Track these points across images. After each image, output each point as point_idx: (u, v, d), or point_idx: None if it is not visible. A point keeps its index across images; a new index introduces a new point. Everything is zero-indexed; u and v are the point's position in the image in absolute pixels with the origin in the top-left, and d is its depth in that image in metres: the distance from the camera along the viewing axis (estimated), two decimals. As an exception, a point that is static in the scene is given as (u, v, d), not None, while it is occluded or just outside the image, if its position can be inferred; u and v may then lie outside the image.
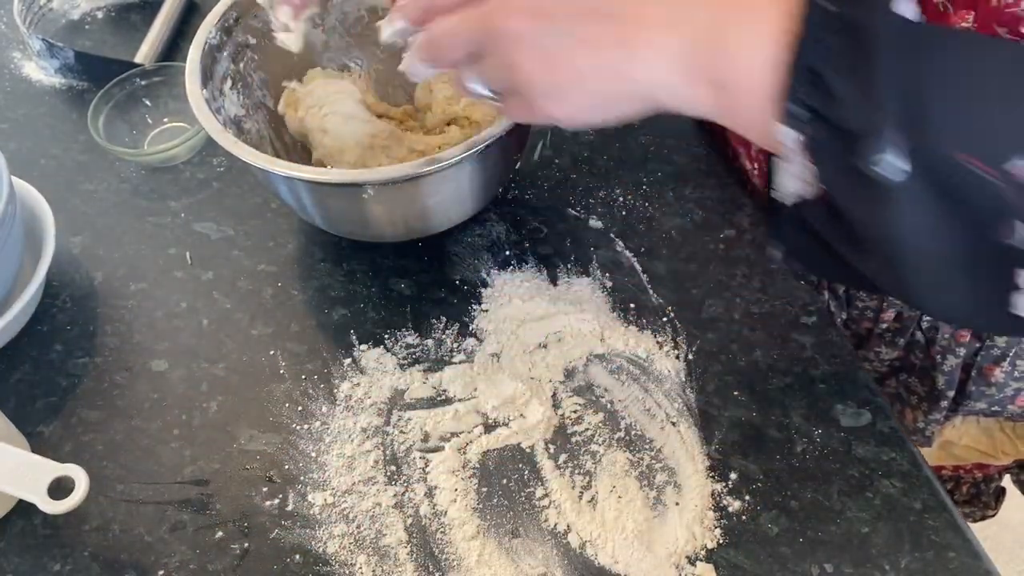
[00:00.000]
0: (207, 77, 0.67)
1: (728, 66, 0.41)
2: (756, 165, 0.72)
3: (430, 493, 0.59)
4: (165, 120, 0.83)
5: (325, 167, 0.68)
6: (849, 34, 0.38)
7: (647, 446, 0.61)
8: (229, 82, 0.69)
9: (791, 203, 0.43)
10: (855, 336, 0.76)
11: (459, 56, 0.47)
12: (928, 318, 0.70)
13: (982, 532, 0.59)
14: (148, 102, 0.83)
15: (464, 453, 0.61)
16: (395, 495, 0.59)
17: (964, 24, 0.48)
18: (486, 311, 0.68)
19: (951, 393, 0.72)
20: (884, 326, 0.73)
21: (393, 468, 0.61)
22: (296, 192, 0.64)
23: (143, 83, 0.83)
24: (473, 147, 0.59)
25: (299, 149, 0.75)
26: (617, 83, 0.44)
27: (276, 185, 0.65)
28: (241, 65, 0.71)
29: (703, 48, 0.41)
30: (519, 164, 0.74)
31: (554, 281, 0.70)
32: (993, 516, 0.91)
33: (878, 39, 0.37)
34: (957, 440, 0.79)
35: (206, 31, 0.68)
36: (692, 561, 0.55)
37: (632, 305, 0.68)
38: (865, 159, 0.37)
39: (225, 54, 0.70)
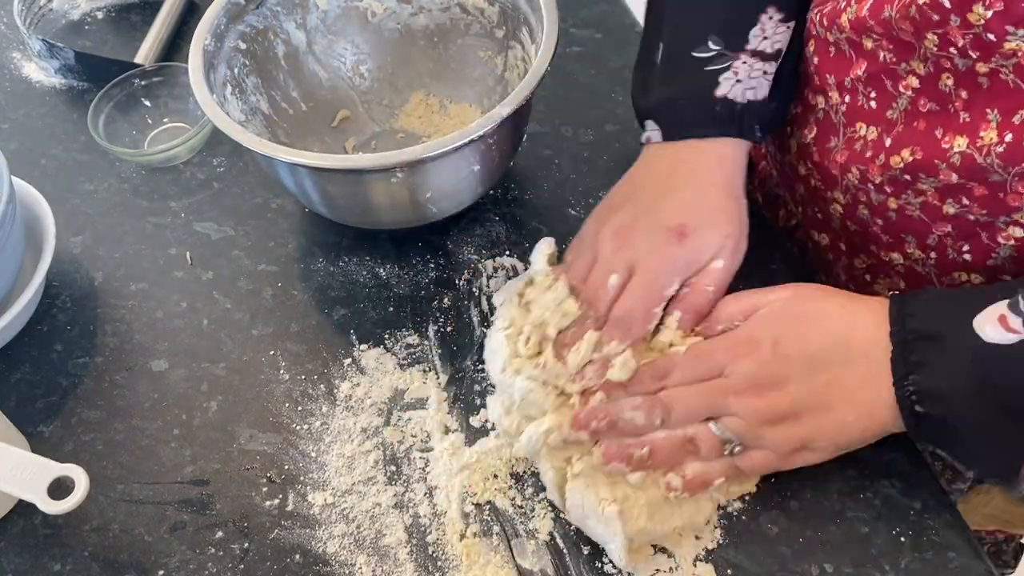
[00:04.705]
0: (210, 84, 0.67)
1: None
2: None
3: (430, 493, 0.59)
4: (165, 120, 0.83)
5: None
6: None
7: (647, 446, 0.61)
8: (229, 88, 0.70)
9: None
10: None
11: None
12: None
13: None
14: (148, 102, 0.83)
15: (464, 453, 0.61)
16: (395, 495, 0.59)
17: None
18: (486, 311, 0.68)
19: None
20: None
21: (393, 468, 0.61)
22: (300, 181, 0.65)
23: (143, 83, 0.83)
24: (476, 131, 0.60)
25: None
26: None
27: (281, 175, 0.65)
28: (235, 71, 0.71)
29: None
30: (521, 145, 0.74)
31: (554, 281, 0.70)
32: (1013, 571, 0.90)
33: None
34: (982, 508, 0.78)
35: (202, 37, 0.68)
36: (692, 561, 0.55)
37: (632, 305, 0.68)
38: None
39: (221, 60, 0.70)
